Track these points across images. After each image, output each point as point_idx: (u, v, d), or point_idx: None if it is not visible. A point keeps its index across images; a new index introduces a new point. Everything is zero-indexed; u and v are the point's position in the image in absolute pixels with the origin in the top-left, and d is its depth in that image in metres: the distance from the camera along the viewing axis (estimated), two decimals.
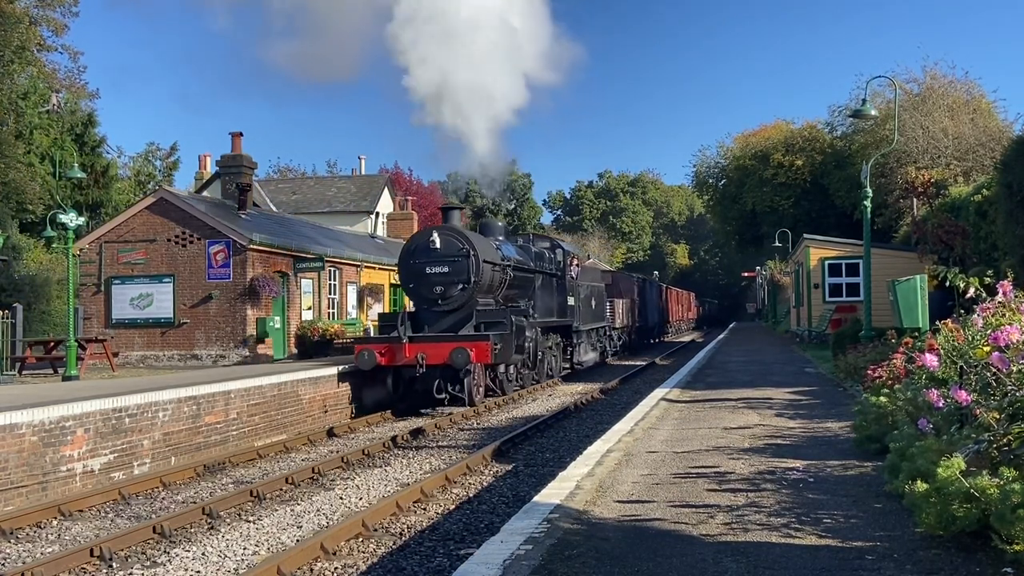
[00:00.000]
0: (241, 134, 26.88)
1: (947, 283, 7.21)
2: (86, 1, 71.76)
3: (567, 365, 25.30)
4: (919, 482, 4.97)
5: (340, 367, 17.08)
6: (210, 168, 37.88)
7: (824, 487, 6.32)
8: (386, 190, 43.03)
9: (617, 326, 33.07)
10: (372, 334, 22.90)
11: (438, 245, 17.78)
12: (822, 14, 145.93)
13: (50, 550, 7.70)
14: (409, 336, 16.83)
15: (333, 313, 26.67)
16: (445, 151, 22.69)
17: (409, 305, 20.15)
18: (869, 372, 10.94)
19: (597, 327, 28.15)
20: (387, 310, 28.44)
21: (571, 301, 24.07)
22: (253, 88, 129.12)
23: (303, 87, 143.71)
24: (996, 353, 5.15)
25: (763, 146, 46.71)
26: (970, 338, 6.47)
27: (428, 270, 17.90)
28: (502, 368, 18.41)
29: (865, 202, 17.92)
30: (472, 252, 17.83)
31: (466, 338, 17.03)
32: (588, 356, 27.16)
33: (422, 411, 17.45)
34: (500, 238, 20.81)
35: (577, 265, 25.34)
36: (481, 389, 17.71)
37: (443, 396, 16.73)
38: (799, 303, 33.27)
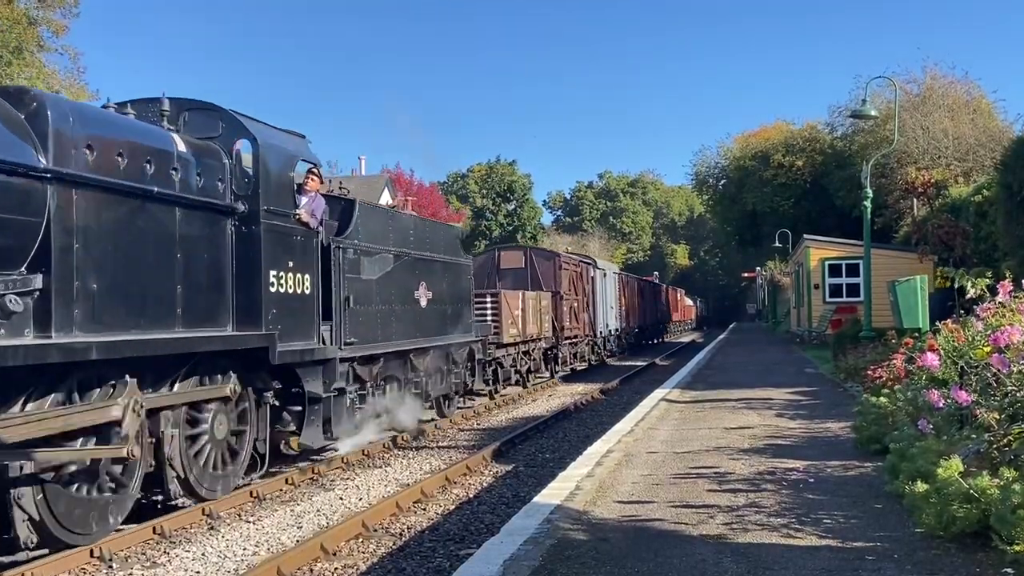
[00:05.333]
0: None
1: (955, 284, 7.23)
2: (87, 2, 71.71)
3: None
4: (919, 483, 4.98)
5: None
6: None
7: (824, 487, 6.32)
8: (386, 190, 43.04)
9: (509, 340, 18.65)
10: None
11: None
12: (822, 14, 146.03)
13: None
14: None
15: None
16: None
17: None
18: (869, 373, 10.96)
19: (434, 346, 13.60)
20: None
21: (287, 283, 9.38)
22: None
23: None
24: (996, 354, 5.16)
25: (763, 146, 46.67)
26: (970, 339, 6.49)
27: None
28: None
29: (865, 202, 17.97)
30: None
31: None
32: (356, 429, 11.25)
33: None
34: None
35: (341, 197, 11.81)
36: None
37: None
38: (799, 303, 33.28)
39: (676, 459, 7.76)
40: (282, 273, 9.36)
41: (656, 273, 68.53)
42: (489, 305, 18.06)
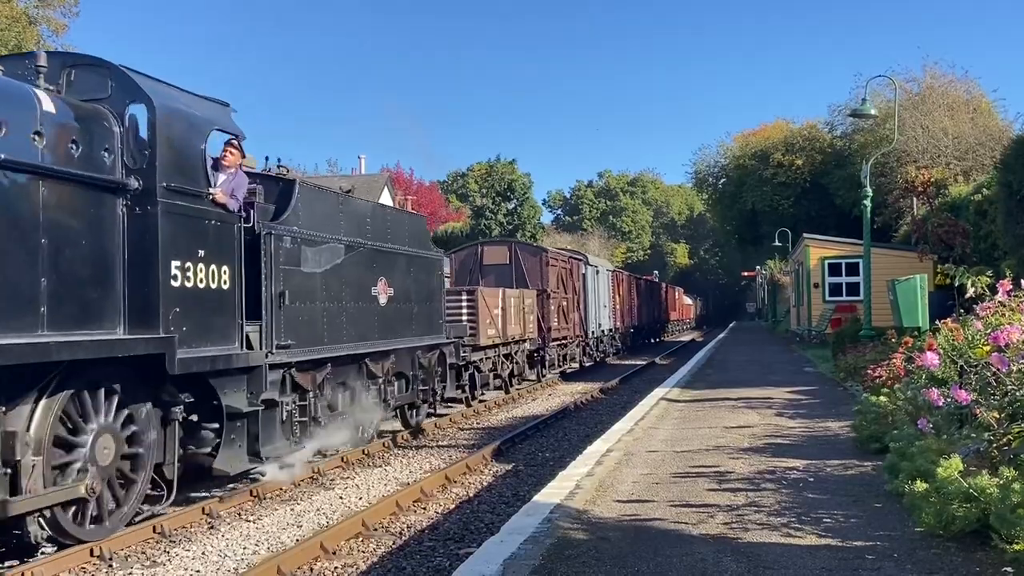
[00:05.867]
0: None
1: (955, 283, 7.25)
2: (86, 2, 71.69)
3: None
4: (919, 482, 4.98)
5: None
6: None
7: (824, 487, 6.33)
8: (386, 189, 43.10)
9: (486, 343, 17.06)
10: None
11: None
12: (822, 12, 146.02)
13: (50, 549, 7.70)
14: None
15: None
16: None
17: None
18: (869, 372, 10.98)
19: (396, 349, 12.05)
20: None
21: (196, 275, 7.79)
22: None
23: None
24: (996, 353, 5.16)
25: (763, 145, 46.71)
26: (970, 338, 6.49)
27: None
28: None
29: (865, 201, 17.98)
30: None
31: None
32: (294, 447, 9.58)
33: None
34: None
35: (278, 177, 10.14)
36: None
37: None
38: (799, 303, 33.28)
39: (676, 458, 7.76)
40: (189, 264, 7.66)
41: (656, 272, 68.50)
42: (464, 304, 16.38)
